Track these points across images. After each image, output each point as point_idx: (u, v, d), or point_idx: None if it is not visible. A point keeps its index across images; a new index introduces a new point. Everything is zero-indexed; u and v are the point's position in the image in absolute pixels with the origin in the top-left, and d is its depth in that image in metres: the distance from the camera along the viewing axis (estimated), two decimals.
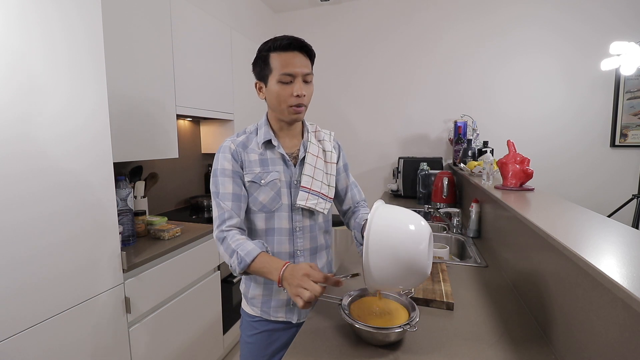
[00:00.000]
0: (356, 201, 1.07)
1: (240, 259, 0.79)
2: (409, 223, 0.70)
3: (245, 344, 1.01)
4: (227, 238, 0.84)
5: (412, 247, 0.66)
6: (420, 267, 0.67)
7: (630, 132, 2.38)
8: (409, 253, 0.66)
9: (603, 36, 2.35)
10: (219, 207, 0.88)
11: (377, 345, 0.72)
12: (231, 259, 0.81)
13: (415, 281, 0.70)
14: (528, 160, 1.24)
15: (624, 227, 0.72)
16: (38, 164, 0.97)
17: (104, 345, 1.16)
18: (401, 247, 0.66)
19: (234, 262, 0.80)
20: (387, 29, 2.94)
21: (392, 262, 0.66)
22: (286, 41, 0.84)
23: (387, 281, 0.69)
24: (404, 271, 0.67)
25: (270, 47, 0.86)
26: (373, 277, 0.68)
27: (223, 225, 0.86)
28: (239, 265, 0.79)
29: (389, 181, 3.04)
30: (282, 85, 0.85)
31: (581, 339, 0.60)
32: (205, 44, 1.98)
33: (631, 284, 0.44)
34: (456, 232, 1.65)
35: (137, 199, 1.71)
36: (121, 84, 1.42)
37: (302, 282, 0.69)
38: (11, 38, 0.89)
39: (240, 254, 0.79)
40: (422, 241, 0.67)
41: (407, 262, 0.66)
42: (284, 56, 0.85)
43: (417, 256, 0.66)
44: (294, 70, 0.84)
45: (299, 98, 0.86)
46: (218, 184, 0.89)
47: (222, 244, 0.84)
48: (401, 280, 0.69)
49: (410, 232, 0.68)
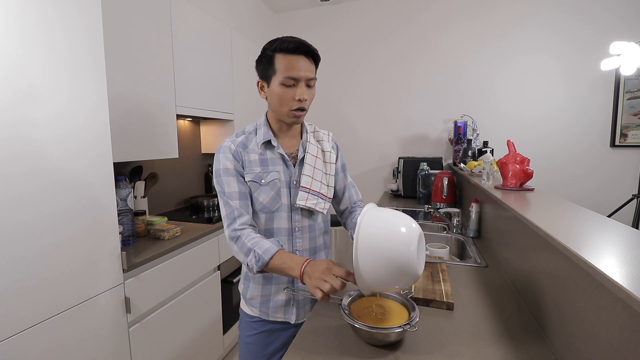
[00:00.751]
0: (353, 201, 1.07)
1: (258, 257, 0.79)
2: (398, 225, 0.69)
3: (244, 344, 1.01)
4: (241, 237, 0.83)
5: (402, 248, 0.66)
6: (410, 268, 0.66)
7: (630, 132, 2.38)
8: (398, 255, 0.66)
9: (603, 36, 2.35)
10: (227, 206, 0.87)
11: (377, 345, 0.72)
12: (247, 258, 0.81)
13: (407, 282, 0.70)
14: (528, 160, 1.24)
15: (624, 227, 0.72)
16: (38, 164, 0.97)
17: (104, 345, 1.16)
18: (390, 250, 0.66)
19: (250, 260, 0.80)
20: (387, 29, 2.94)
21: (382, 264, 0.66)
22: (293, 44, 0.83)
23: (378, 283, 0.69)
24: (395, 273, 0.67)
25: (277, 48, 0.84)
26: (364, 279, 0.68)
27: (235, 224, 0.84)
28: (256, 263, 0.79)
29: (389, 181, 3.04)
30: (285, 88, 0.85)
31: (581, 338, 0.60)
32: (205, 44, 1.97)
33: (631, 284, 0.44)
34: (456, 232, 1.65)
35: (137, 199, 1.71)
36: (121, 84, 1.42)
37: (324, 275, 0.70)
38: (11, 38, 0.89)
39: (257, 252, 0.79)
40: (411, 243, 0.67)
41: (397, 264, 0.66)
42: (290, 59, 0.83)
43: (407, 258, 0.66)
44: (298, 74, 0.84)
45: (301, 102, 0.86)
46: (223, 184, 0.88)
47: (236, 242, 0.83)
48: (393, 282, 0.69)
49: (399, 234, 0.68)
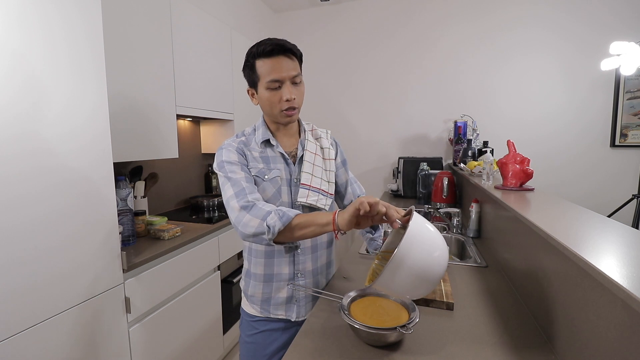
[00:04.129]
0: (357, 195, 1.07)
1: (282, 214, 0.76)
2: (441, 253, 0.70)
3: (244, 343, 1.01)
4: (257, 204, 0.79)
5: (440, 271, 0.68)
6: (432, 286, 0.70)
7: (630, 132, 2.38)
8: (435, 277, 0.68)
9: (603, 36, 2.35)
10: (236, 185, 0.83)
11: (377, 345, 0.72)
12: (267, 218, 0.76)
13: (420, 294, 0.73)
14: (528, 160, 1.24)
15: (624, 227, 0.72)
16: (37, 164, 0.96)
17: (104, 345, 1.16)
18: (427, 272, 0.67)
19: (272, 219, 0.75)
20: (387, 28, 2.94)
21: (413, 283, 0.68)
22: (269, 47, 0.83)
23: (397, 292, 0.72)
24: (419, 289, 0.70)
25: (255, 54, 0.85)
26: (387, 285, 0.68)
27: (247, 197, 0.81)
28: (280, 219, 0.75)
29: (389, 181, 3.04)
30: (271, 91, 0.85)
31: (581, 338, 0.60)
32: (205, 44, 1.97)
33: (631, 284, 0.44)
34: (456, 232, 1.65)
35: (137, 199, 1.71)
36: (121, 84, 1.42)
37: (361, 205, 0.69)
38: (11, 38, 0.89)
39: (281, 210, 0.77)
40: (444, 267, 0.68)
41: (429, 283, 0.68)
42: (269, 62, 0.84)
43: (436, 279, 0.68)
44: (280, 76, 0.84)
45: (289, 102, 0.86)
46: (227, 172, 0.86)
47: (249, 211, 0.79)
48: (411, 292, 0.71)
49: (438, 260, 0.69)
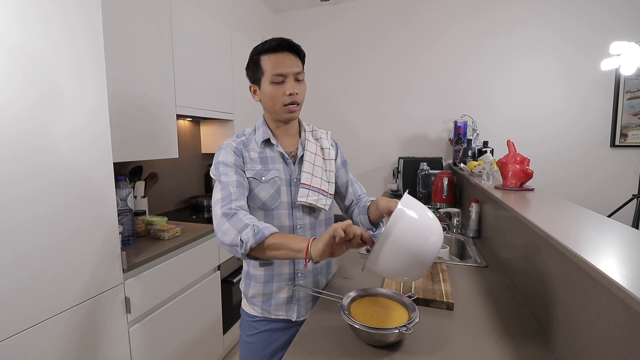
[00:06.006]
0: (358, 195, 1.07)
1: (257, 231, 0.75)
2: (431, 232, 0.70)
3: (244, 343, 1.01)
4: (238, 214, 0.80)
5: (433, 250, 0.67)
6: (426, 268, 0.69)
7: (630, 132, 2.38)
8: (427, 256, 0.67)
9: (603, 36, 2.35)
10: (225, 190, 0.84)
11: (377, 345, 0.72)
12: (242, 233, 0.76)
13: (414, 277, 0.71)
14: (528, 160, 1.24)
15: (624, 227, 0.72)
16: (37, 164, 0.96)
17: (104, 345, 1.16)
18: (419, 253, 0.67)
19: (246, 234, 0.75)
20: (387, 28, 2.94)
21: (403, 261, 0.67)
22: (275, 42, 0.86)
23: (388, 272, 0.70)
24: (409, 269, 0.69)
25: (260, 50, 0.88)
26: (379, 265, 0.68)
27: (231, 204, 0.81)
28: (254, 236, 0.75)
29: (389, 181, 3.04)
30: (275, 86, 0.87)
31: (581, 338, 0.61)
32: (205, 43, 1.97)
33: (631, 284, 0.44)
34: (456, 232, 1.65)
35: (137, 199, 1.71)
36: (121, 83, 1.42)
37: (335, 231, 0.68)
38: (11, 38, 0.89)
39: (257, 226, 0.76)
40: (437, 250, 0.68)
41: (417, 263, 0.68)
42: (274, 57, 0.87)
43: (430, 260, 0.68)
44: (284, 70, 0.86)
45: (292, 97, 0.88)
46: (220, 174, 0.87)
47: (229, 219, 0.79)
48: (401, 274, 0.70)
49: (431, 242, 0.68)
